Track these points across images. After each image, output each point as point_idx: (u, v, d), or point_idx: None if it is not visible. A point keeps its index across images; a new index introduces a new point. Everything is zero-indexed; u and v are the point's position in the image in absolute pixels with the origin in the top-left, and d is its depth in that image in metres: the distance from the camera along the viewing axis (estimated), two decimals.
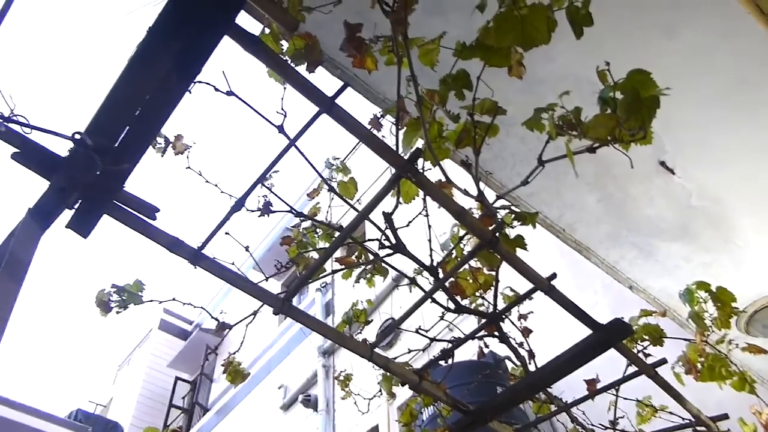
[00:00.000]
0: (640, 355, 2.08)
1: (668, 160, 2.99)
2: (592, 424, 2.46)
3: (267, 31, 1.59)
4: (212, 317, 1.89)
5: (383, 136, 1.56)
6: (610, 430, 2.38)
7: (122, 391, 16.80)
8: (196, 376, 14.88)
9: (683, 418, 2.33)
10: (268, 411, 10.48)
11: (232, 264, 1.58)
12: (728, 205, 3.18)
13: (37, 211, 1.52)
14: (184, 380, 15.30)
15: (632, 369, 2.07)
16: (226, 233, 1.63)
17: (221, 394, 12.98)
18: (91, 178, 1.45)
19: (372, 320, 2.30)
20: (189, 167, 1.78)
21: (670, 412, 2.45)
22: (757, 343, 2.68)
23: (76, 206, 1.51)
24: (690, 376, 2.20)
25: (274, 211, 1.81)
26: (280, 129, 1.53)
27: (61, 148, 1.51)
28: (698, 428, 2.28)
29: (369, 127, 1.52)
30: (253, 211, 1.77)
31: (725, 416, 2.33)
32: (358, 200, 2.20)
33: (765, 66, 2.71)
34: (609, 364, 2.56)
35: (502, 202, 1.77)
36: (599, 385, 2.18)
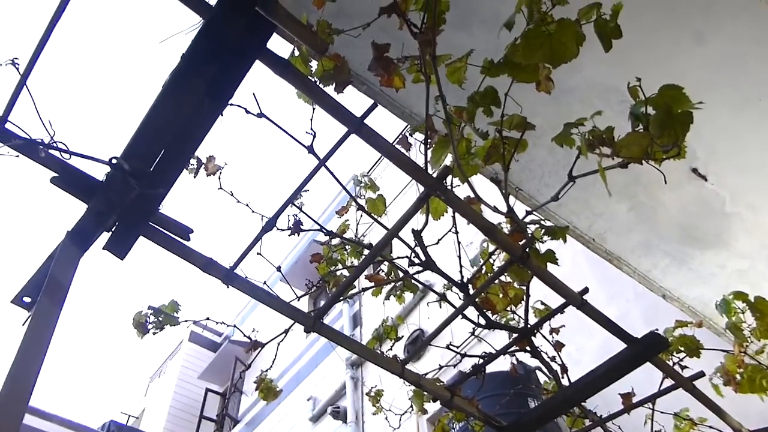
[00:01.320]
0: (677, 367, 2.04)
1: (700, 167, 2.95)
2: None
3: (296, 52, 1.62)
4: (244, 335, 1.92)
5: (411, 154, 1.57)
6: None
7: (154, 403, 17.01)
8: (226, 388, 15.00)
9: None
10: (298, 422, 10.51)
11: (264, 283, 1.60)
12: (763, 210, 3.12)
13: (75, 234, 1.56)
14: (214, 392, 15.43)
15: (668, 382, 2.03)
16: (258, 253, 1.66)
17: (251, 405, 13.06)
18: (127, 201, 1.48)
19: (402, 336, 2.29)
20: (221, 188, 1.81)
21: (710, 426, 2.40)
22: None
23: (113, 229, 1.55)
24: (729, 388, 2.15)
25: (305, 230, 1.83)
26: (310, 149, 1.55)
27: (99, 172, 1.55)
28: None
29: (398, 145, 1.53)
30: (283, 230, 1.79)
31: None
32: (385, 213, 2.21)
33: None
34: (645, 377, 2.52)
35: (531, 216, 1.76)
36: (635, 399, 2.14)
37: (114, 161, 1.48)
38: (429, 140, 1.51)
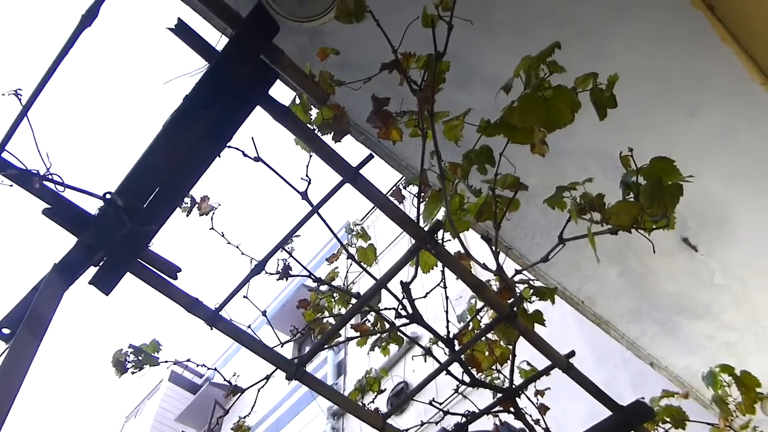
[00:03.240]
0: None
1: (691, 237, 2.97)
2: None
3: (297, 100, 1.65)
4: (225, 379, 1.88)
5: (404, 205, 1.58)
6: None
7: None
8: (203, 431, 14.61)
9: None
10: None
11: (248, 327, 1.58)
12: (752, 284, 3.13)
13: (62, 266, 1.55)
14: None
15: None
16: (245, 296, 1.64)
17: None
18: (118, 236, 1.48)
19: (385, 389, 2.26)
20: (212, 228, 1.81)
21: None
22: None
23: (101, 263, 1.54)
24: None
25: (293, 275, 1.82)
26: (304, 195, 1.56)
27: (92, 206, 1.55)
28: None
29: (391, 197, 1.54)
30: (272, 274, 1.78)
31: None
32: (376, 262, 2.21)
33: None
34: None
35: (520, 275, 1.76)
36: None
37: (108, 196, 1.49)
38: (422, 194, 1.53)
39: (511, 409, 1.69)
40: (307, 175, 1.61)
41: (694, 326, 3.24)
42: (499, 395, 1.74)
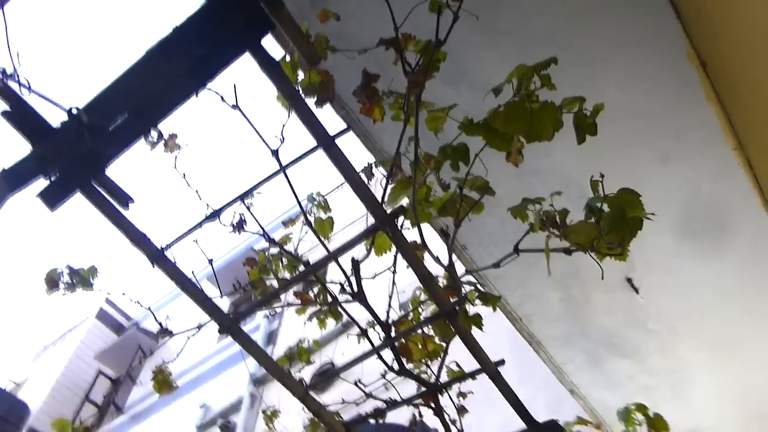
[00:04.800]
0: None
1: (635, 279, 3.06)
2: None
3: (287, 58, 1.62)
4: (156, 320, 1.85)
5: (372, 185, 1.58)
6: None
7: (40, 373, 16.08)
8: (120, 375, 14.36)
9: None
10: (183, 427, 10.11)
11: (192, 273, 1.56)
12: (682, 336, 3.25)
13: (11, 172, 1.49)
14: (107, 376, 14.74)
15: None
16: (194, 240, 1.62)
17: (140, 399, 12.51)
18: (75, 154, 1.43)
19: (314, 362, 2.26)
20: (175, 167, 1.77)
21: None
22: None
23: (53, 178, 1.49)
24: None
25: (247, 231, 1.80)
26: (275, 153, 1.54)
27: (55, 120, 1.50)
28: None
29: (362, 174, 1.54)
30: (226, 225, 1.76)
31: None
32: (330, 237, 2.20)
33: (743, 216, 2.82)
34: None
35: (468, 278, 1.78)
36: None
37: (73, 111, 1.44)
38: (392, 177, 1.53)
39: (432, 405, 1.72)
40: (281, 135, 1.59)
41: (618, 363, 3.35)
42: (423, 389, 1.76)
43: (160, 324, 1.85)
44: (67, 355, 15.45)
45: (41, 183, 1.48)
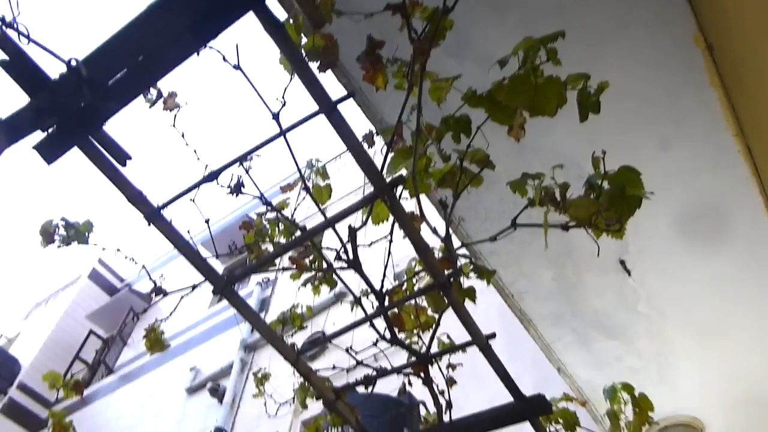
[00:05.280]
0: None
1: (628, 261, 3.07)
2: None
3: (291, 21, 1.60)
4: (150, 278, 1.85)
5: (373, 154, 1.57)
6: None
7: (32, 329, 16.17)
8: (111, 335, 14.44)
9: None
10: (173, 389, 10.22)
11: (188, 233, 1.56)
12: (671, 320, 3.28)
13: (7, 124, 1.47)
14: (98, 336, 14.83)
15: None
16: (191, 200, 1.61)
17: (131, 360, 12.62)
18: (74, 107, 1.41)
19: (306, 326, 2.28)
20: (174, 126, 1.75)
21: None
22: None
23: (50, 131, 1.47)
24: None
25: (245, 194, 1.80)
26: (275, 116, 1.52)
27: (53, 71, 1.47)
28: None
29: (362, 141, 1.53)
30: (224, 186, 1.75)
31: None
32: (325, 208, 2.19)
33: (740, 205, 2.83)
34: None
35: (463, 252, 1.79)
36: None
37: (73, 63, 1.42)
38: (393, 145, 1.52)
39: (421, 375, 1.73)
40: (283, 98, 1.57)
41: (606, 344, 3.38)
42: (413, 359, 1.77)
43: (154, 282, 1.85)
44: (59, 314, 15.52)
45: (38, 136, 1.47)
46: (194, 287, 1.73)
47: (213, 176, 1.50)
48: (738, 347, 3.37)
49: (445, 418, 1.96)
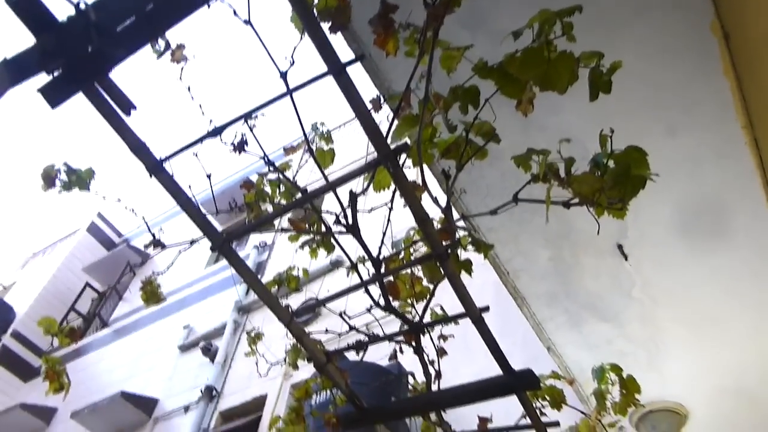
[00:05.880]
0: (537, 411, 2.13)
1: (626, 246, 3.08)
2: None
3: None
4: (149, 230, 1.85)
5: (380, 121, 1.56)
6: None
7: (28, 279, 16.27)
8: (107, 288, 14.55)
9: None
10: (166, 346, 10.33)
11: (189, 188, 1.55)
12: (664, 307, 3.30)
13: (12, 63, 1.46)
14: (94, 289, 14.94)
15: (525, 422, 2.12)
16: (194, 154, 1.60)
17: (126, 314, 12.73)
18: (81, 51, 1.40)
19: (301, 289, 2.29)
20: (180, 79, 1.74)
21: None
22: None
23: (55, 74, 1.45)
24: None
25: (247, 152, 1.79)
26: (283, 75, 1.51)
27: (61, 13, 1.45)
28: None
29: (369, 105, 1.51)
30: (227, 144, 1.74)
31: None
32: (328, 176, 2.18)
33: (743, 195, 2.82)
34: (504, 411, 2.62)
35: (462, 226, 1.79)
36: (490, 426, 2.22)
37: (82, 6, 1.40)
38: (399, 111, 1.50)
39: (413, 343, 1.75)
40: (292, 58, 1.55)
41: (598, 327, 3.41)
42: (406, 327, 1.79)
43: (153, 235, 1.86)
44: (56, 264, 15.60)
45: (43, 78, 1.45)
46: (192, 242, 1.73)
47: (217, 132, 1.49)
48: (729, 339, 3.40)
49: (434, 388, 1.98)
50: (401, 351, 2.03)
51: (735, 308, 3.24)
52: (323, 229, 1.87)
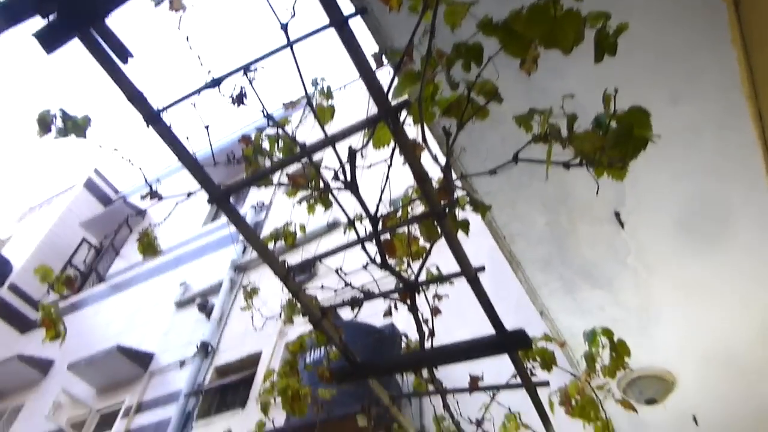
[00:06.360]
0: (528, 372, 2.16)
1: (623, 213, 3.08)
2: (460, 415, 2.56)
3: None
4: (146, 182, 1.84)
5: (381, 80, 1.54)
6: (473, 426, 2.49)
7: (25, 233, 16.29)
8: (103, 245, 14.59)
9: None
10: (162, 302, 10.42)
11: (186, 139, 1.54)
12: (658, 276, 3.32)
13: (6, 6, 1.43)
14: (90, 244, 14.97)
15: (515, 382, 2.16)
16: (192, 104, 1.58)
17: (122, 270, 12.80)
18: None
19: (297, 245, 2.29)
20: (179, 28, 1.70)
21: (533, 430, 2.58)
22: None
23: (51, 19, 1.43)
24: (562, 409, 2.31)
25: (246, 105, 1.77)
26: (284, 27, 1.48)
27: None
28: None
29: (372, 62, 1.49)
30: (226, 96, 1.72)
31: None
32: (326, 134, 2.16)
33: (742, 166, 2.81)
34: (496, 371, 2.66)
35: (459, 185, 1.78)
36: (481, 383, 2.26)
37: None
38: (402, 67, 1.48)
39: (408, 301, 1.76)
40: (293, 9, 1.52)
41: (591, 293, 3.43)
42: (401, 285, 1.80)
43: (150, 186, 1.85)
44: (53, 219, 15.60)
45: (39, 23, 1.43)
46: (190, 194, 1.72)
47: (216, 83, 1.47)
48: (721, 309, 3.43)
49: (427, 346, 2.00)
50: (396, 308, 2.05)
51: (728, 277, 3.27)
52: (321, 185, 1.86)
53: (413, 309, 1.76)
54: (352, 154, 1.54)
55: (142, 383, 8.94)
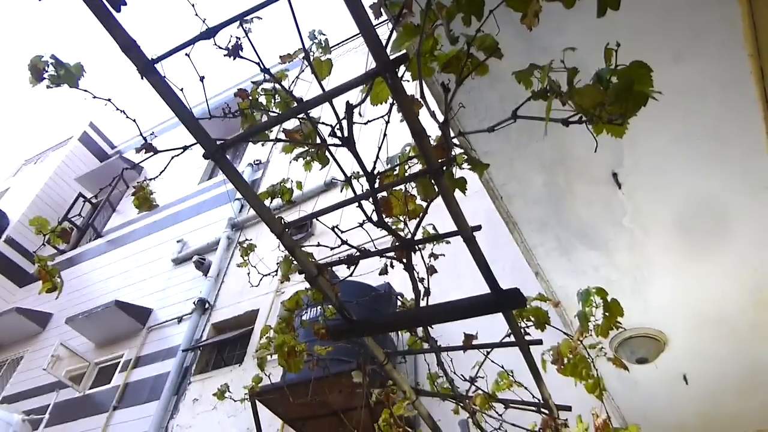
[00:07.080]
0: (522, 331, 2.19)
1: (621, 174, 3.07)
2: (454, 372, 2.60)
3: None
4: (140, 134, 1.82)
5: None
6: (467, 384, 2.53)
7: (20, 186, 16.23)
8: (100, 199, 14.56)
9: (534, 397, 2.51)
10: (160, 259, 10.47)
11: (181, 90, 1.51)
12: (652, 236, 3.33)
13: None
14: (86, 199, 14.94)
15: (509, 340, 2.18)
16: (186, 54, 1.55)
17: (119, 226, 12.81)
18: None
19: (295, 202, 2.28)
20: None
21: (525, 387, 2.63)
22: None
23: None
24: (554, 367, 2.34)
25: (242, 57, 1.73)
26: None
27: None
28: (543, 410, 2.46)
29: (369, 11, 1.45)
30: (221, 48, 1.68)
31: (569, 408, 2.53)
32: (323, 89, 2.12)
33: (742, 126, 2.79)
34: (490, 330, 2.70)
35: (457, 143, 1.76)
36: (475, 342, 2.29)
37: None
38: (401, 19, 1.45)
39: (404, 260, 1.76)
40: None
41: (586, 254, 3.45)
42: (397, 244, 1.80)
43: (145, 139, 1.82)
44: (48, 173, 15.53)
45: None
46: (185, 148, 1.70)
47: (211, 33, 1.43)
48: (714, 270, 3.46)
49: (422, 304, 2.02)
50: (392, 266, 2.06)
51: (723, 239, 3.28)
52: (318, 141, 1.84)
53: (409, 267, 1.76)
54: (349, 109, 1.51)
55: (140, 338, 9.06)
